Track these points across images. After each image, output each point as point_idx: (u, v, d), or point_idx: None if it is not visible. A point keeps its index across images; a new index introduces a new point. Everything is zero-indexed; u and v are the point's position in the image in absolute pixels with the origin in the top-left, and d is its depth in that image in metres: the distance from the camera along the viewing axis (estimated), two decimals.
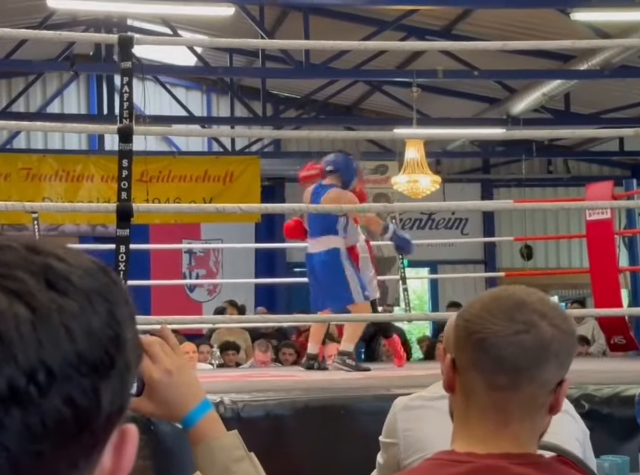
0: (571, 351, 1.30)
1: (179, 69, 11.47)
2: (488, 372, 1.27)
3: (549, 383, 1.28)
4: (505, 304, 1.28)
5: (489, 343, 1.25)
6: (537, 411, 1.30)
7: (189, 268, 12.80)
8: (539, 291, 1.34)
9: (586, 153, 13.32)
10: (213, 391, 3.14)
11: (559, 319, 1.28)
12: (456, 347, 1.32)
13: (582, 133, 7.10)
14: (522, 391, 1.27)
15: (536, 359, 1.26)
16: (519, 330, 1.25)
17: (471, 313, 1.29)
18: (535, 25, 9.26)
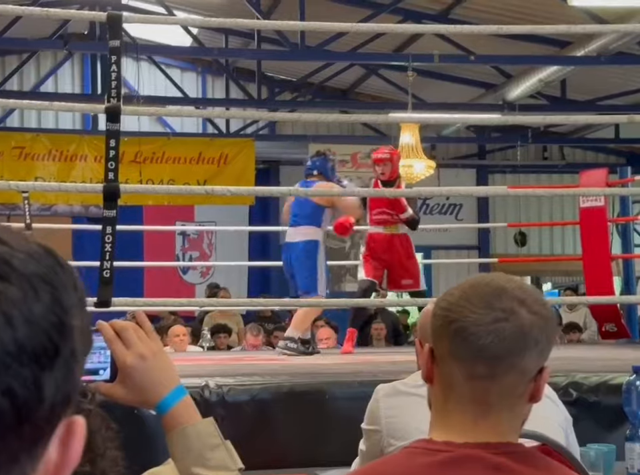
0: (551, 338, 1.28)
1: (173, 49, 11.40)
2: (467, 361, 1.24)
3: (529, 372, 1.25)
4: (483, 292, 1.25)
5: (468, 331, 1.23)
6: (517, 400, 1.27)
7: (182, 250, 12.79)
8: (518, 278, 1.32)
9: (581, 140, 13.30)
10: (199, 375, 3.13)
11: (538, 306, 1.25)
12: (434, 336, 1.29)
13: (575, 119, 7.06)
14: (502, 380, 1.25)
15: (516, 347, 1.23)
16: (498, 318, 1.23)
17: (450, 302, 1.27)
18: (532, 10, 9.20)
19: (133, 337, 1.31)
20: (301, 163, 12.66)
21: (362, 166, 12.53)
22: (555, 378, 3.02)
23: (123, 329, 1.32)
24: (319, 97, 12.75)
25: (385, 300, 5.78)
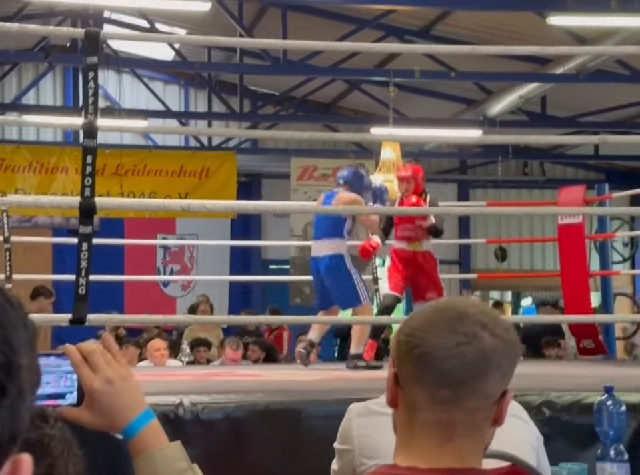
0: (513, 361, 1.28)
1: (156, 63, 11.40)
2: (431, 386, 1.25)
3: (491, 395, 1.26)
4: (446, 316, 1.26)
5: (431, 356, 1.24)
6: (481, 424, 1.28)
7: (163, 263, 12.76)
8: (480, 302, 1.33)
9: (561, 156, 13.40)
10: (174, 392, 3.12)
11: (500, 330, 1.26)
12: (398, 361, 1.29)
13: (547, 140, 7.14)
14: (465, 404, 1.25)
15: (478, 371, 1.24)
16: (461, 342, 1.24)
17: (413, 327, 1.27)
18: (512, 28, 9.28)
19: (100, 361, 1.31)
20: (282, 177, 12.75)
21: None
22: (529, 397, 3.04)
23: (90, 353, 1.31)
24: (301, 111, 12.79)
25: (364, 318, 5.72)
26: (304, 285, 12.17)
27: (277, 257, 12.88)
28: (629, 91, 10.76)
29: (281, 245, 12.06)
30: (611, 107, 11.08)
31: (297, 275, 11.80)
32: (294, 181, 12.33)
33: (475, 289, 13.80)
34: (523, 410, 2.21)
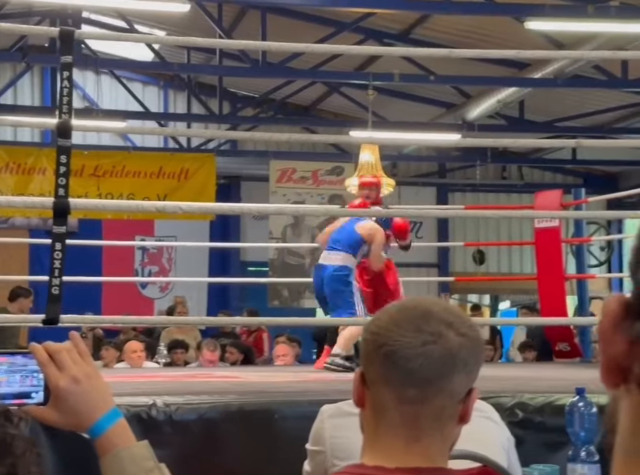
0: (479, 360, 1.29)
1: (134, 64, 11.36)
2: (397, 385, 1.26)
3: (458, 393, 1.27)
4: (411, 315, 1.26)
5: (397, 355, 1.24)
6: (447, 422, 1.28)
7: (141, 264, 12.71)
8: (444, 300, 1.34)
9: (539, 161, 13.49)
10: (148, 393, 3.11)
11: (465, 328, 1.27)
12: (365, 361, 1.29)
13: (524, 143, 7.18)
14: (431, 404, 1.26)
15: (444, 370, 1.25)
16: (427, 341, 1.24)
17: (379, 326, 1.27)
18: (491, 32, 9.33)
19: (67, 359, 1.31)
20: (262, 179, 12.74)
21: (323, 183, 12.57)
22: (502, 398, 3.05)
23: (56, 351, 1.31)
24: (281, 114, 12.79)
25: (340, 319, 5.73)
26: (282, 287, 12.17)
27: (256, 259, 12.88)
28: (606, 97, 10.85)
29: (259, 248, 12.06)
30: (588, 112, 11.16)
31: (276, 278, 11.80)
32: (273, 183, 12.32)
33: (453, 292, 13.85)
34: (495, 412, 2.22)
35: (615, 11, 7.44)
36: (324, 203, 12.19)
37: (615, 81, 9.41)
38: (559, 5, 7.67)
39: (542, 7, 7.45)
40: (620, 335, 0.56)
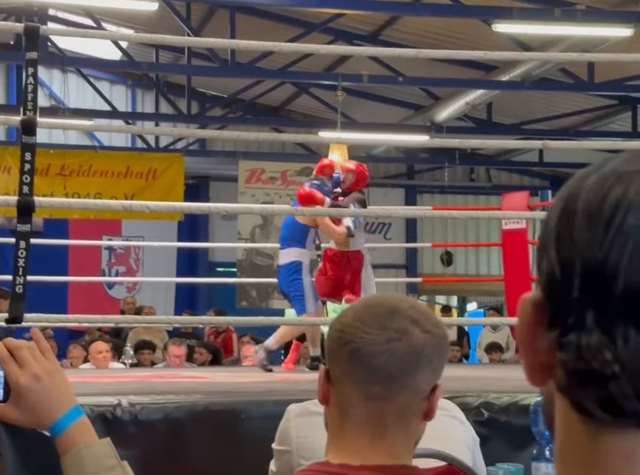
0: (443, 357, 1.30)
1: (102, 62, 11.27)
2: (362, 382, 1.25)
3: (422, 390, 1.27)
4: (377, 312, 1.26)
5: (362, 352, 1.24)
6: (411, 419, 1.28)
7: (108, 265, 12.62)
8: (410, 297, 1.34)
9: (507, 163, 13.58)
10: (113, 393, 3.08)
11: (431, 325, 1.27)
12: (329, 358, 1.29)
13: (491, 144, 7.24)
14: (396, 400, 1.26)
15: (409, 367, 1.25)
16: (392, 338, 1.24)
17: (343, 323, 1.27)
18: (459, 34, 9.38)
19: (27, 356, 1.29)
20: (230, 180, 12.70)
21: (292, 183, 12.55)
22: (468, 398, 3.06)
23: (17, 348, 1.29)
24: (250, 114, 12.77)
25: (304, 319, 5.71)
26: (251, 288, 12.14)
27: (224, 259, 12.84)
28: (573, 100, 10.95)
29: (228, 248, 12.03)
30: (555, 115, 11.26)
31: (244, 278, 11.76)
32: (242, 183, 12.29)
33: (421, 293, 13.90)
34: (460, 411, 2.22)
35: (581, 15, 7.52)
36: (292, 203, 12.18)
37: (581, 85, 9.50)
38: (526, 8, 7.74)
39: (509, 10, 7.50)
40: (537, 336, 0.55)
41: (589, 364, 0.52)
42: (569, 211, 0.55)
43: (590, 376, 0.52)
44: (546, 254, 0.55)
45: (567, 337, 0.53)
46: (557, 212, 0.56)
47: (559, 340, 0.53)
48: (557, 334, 0.53)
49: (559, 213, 0.56)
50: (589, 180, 0.56)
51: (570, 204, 0.55)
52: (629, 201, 0.52)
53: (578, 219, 0.54)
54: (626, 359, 0.51)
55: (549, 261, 0.55)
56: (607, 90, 9.99)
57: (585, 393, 0.53)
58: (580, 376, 0.53)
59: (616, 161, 0.56)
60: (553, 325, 0.54)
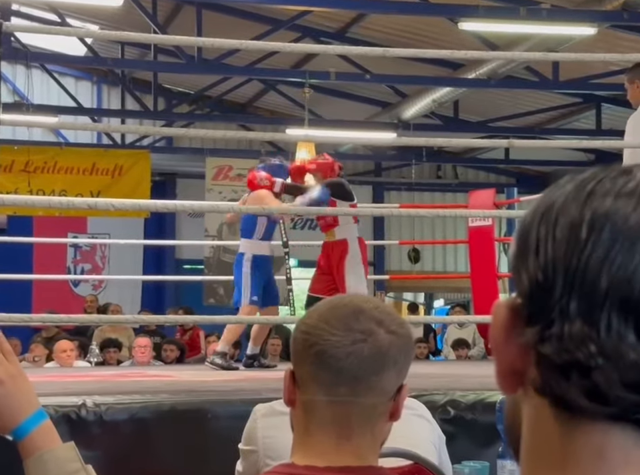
0: (409, 357, 1.30)
1: (67, 58, 11.15)
2: (328, 384, 1.26)
3: (388, 391, 1.27)
4: (342, 313, 1.26)
5: (327, 354, 1.24)
6: (378, 420, 1.29)
7: (73, 262, 12.51)
8: (375, 298, 1.35)
9: (474, 160, 13.66)
10: (78, 393, 3.05)
11: (396, 326, 1.27)
12: (295, 359, 1.29)
13: (458, 143, 7.28)
14: (362, 401, 1.26)
15: (375, 368, 1.25)
16: (357, 339, 1.24)
17: (309, 325, 1.27)
18: (426, 32, 9.42)
19: None
20: (198, 176, 12.64)
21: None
22: (434, 396, 3.08)
23: None
24: (217, 111, 12.71)
25: (277, 317, 5.70)
26: (218, 285, 12.09)
27: (191, 257, 12.77)
28: (538, 98, 11.04)
29: (195, 245, 11.97)
30: (520, 113, 11.35)
31: (211, 276, 11.71)
32: (209, 180, 12.24)
33: (389, 290, 13.94)
34: (426, 410, 2.24)
35: (546, 13, 7.58)
36: None
37: (546, 83, 9.58)
38: (492, 7, 7.78)
39: (475, 8, 7.54)
40: (511, 341, 0.56)
41: (573, 355, 0.53)
42: (548, 219, 0.56)
43: (574, 367, 0.53)
44: (525, 264, 0.56)
45: (550, 329, 0.53)
46: (535, 220, 0.57)
47: (541, 334, 0.54)
48: (539, 329, 0.54)
49: (537, 221, 0.56)
50: (567, 187, 0.57)
51: (549, 212, 0.56)
52: (607, 206, 0.54)
53: (559, 226, 0.55)
54: (609, 349, 0.52)
55: (528, 270, 0.56)
56: (571, 88, 10.08)
57: (568, 385, 0.53)
58: (563, 368, 0.53)
59: (590, 171, 0.57)
60: (532, 323, 0.55)
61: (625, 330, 0.52)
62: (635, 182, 0.54)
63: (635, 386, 0.52)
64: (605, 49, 8.77)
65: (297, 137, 8.52)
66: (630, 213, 0.53)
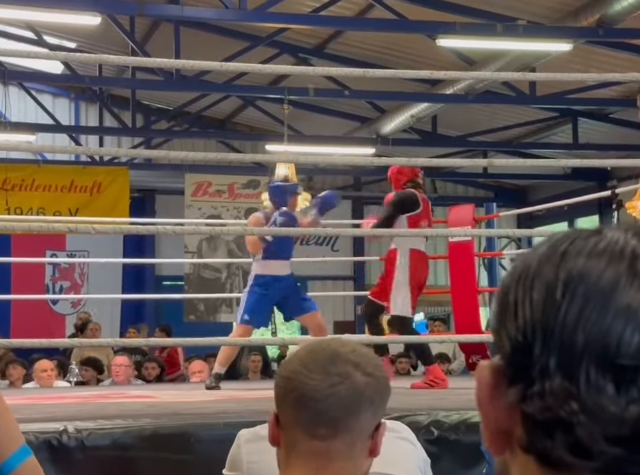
0: (385, 397, 1.36)
1: (44, 76, 11.10)
2: (308, 425, 1.31)
3: (366, 430, 1.33)
4: (319, 358, 1.32)
5: (307, 398, 1.30)
6: (357, 456, 1.34)
7: (52, 280, 12.41)
8: (351, 341, 1.43)
9: (452, 174, 13.71)
10: (58, 418, 3.03)
11: (371, 368, 1.34)
12: (277, 403, 1.35)
13: (438, 162, 7.35)
14: (341, 440, 1.31)
15: (352, 409, 1.31)
16: (334, 382, 1.30)
17: (289, 370, 1.33)
18: (404, 48, 9.47)
19: None
20: (177, 192, 12.60)
21: (239, 196, 12.52)
22: (418, 417, 3.07)
23: None
24: (196, 127, 12.69)
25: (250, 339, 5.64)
26: (198, 301, 12.06)
27: (171, 273, 12.73)
28: (515, 112, 11.12)
29: (175, 261, 11.93)
30: (498, 127, 11.42)
31: (191, 292, 11.68)
32: (188, 197, 12.22)
33: None
34: (411, 432, 2.24)
35: (523, 30, 7.64)
36: (240, 216, 12.14)
37: (523, 98, 9.65)
38: (469, 24, 7.83)
39: (452, 25, 7.59)
40: (497, 402, 0.57)
41: (555, 413, 0.54)
42: (525, 282, 0.57)
43: (557, 424, 0.54)
44: (504, 326, 0.58)
45: (532, 388, 0.55)
46: (513, 283, 0.58)
47: (524, 393, 0.55)
48: (521, 388, 0.55)
49: (514, 283, 0.58)
50: (541, 249, 0.58)
51: (525, 274, 0.58)
52: (580, 266, 0.55)
53: (535, 288, 0.56)
54: (590, 403, 0.53)
55: (508, 332, 0.57)
56: (548, 103, 10.16)
57: (552, 442, 0.54)
58: (546, 425, 0.54)
59: (562, 232, 0.59)
60: (514, 383, 0.56)
61: (604, 383, 0.53)
62: (605, 242, 0.56)
63: (617, 440, 0.53)
64: (581, 64, 8.87)
65: (276, 157, 8.52)
66: (602, 272, 0.54)
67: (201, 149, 12.14)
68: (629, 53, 8.48)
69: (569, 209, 11.37)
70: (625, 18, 7.36)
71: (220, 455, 2.12)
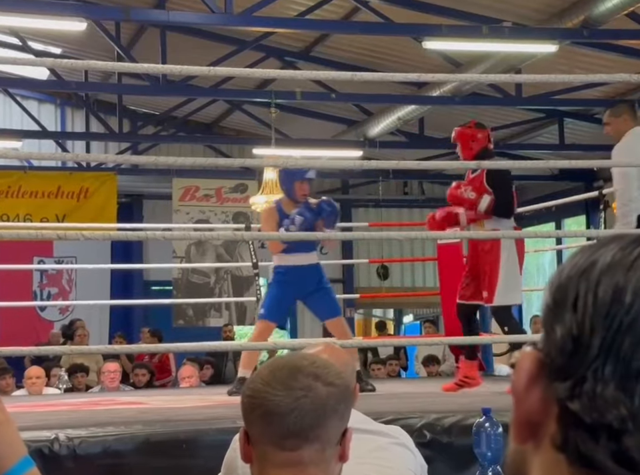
0: (348, 404, 1.42)
1: (30, 82, 11.05)
2: (277, 439, 1.35)
3: (333, 437, 1.38)
4: (281, 375, 1.37)
5: (273, 413, 1.34)
6: (328, 462, 1.39)
7: (39, 286, 12.36)
8: (311, 354, 1.47)
9: (440, 176, 13.72)
10: (50, 426, 3.01)
11: (332, 377, 1.38)
12: (246, 421, 1.38)
13: (427, 165, 7.37)
14: (311, 448, 1.36)
15: (318, 420, 1.36)
16: (298, 396, 1.34)
17: (253, 389, 1.37)
18: (390, 50, 9.48)
19: None
20: (164, 197, 12.58)
21: (227, 201, 12.51)
22: (410, 420, 3.07)
23: None
24: (183, 131, 12.67)
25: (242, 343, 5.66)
26: (187, 306, 12.03)
27: (159, 278, 12.70)
28: (502, 113, 11.15)
29: (161, 270, 11.91)
30: None
31: (180, 297, 11.65)
32: (176, 201, 12.20)
33: (358, 307, 13.96)
34: (409, 438, 2.25)
35: (508, 32, 7.66)
36: (228, 220, 12.12)
37: (510, 99, 9.68)
38: (455, 26, 7.85)
39: (438, 27, 7.60)
40: (533, 392, 0.56)
41: (603, 416, 0.52)
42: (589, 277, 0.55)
43: (603, 428, 0.52)
44: (560, 317, 0.55)
45: (582, 387, 0.53)
46: (575, 276, 0.56)
47: (572, 390, 0.53)
48: (570, 385, 0.54)
49: (577, 276, 0.56)
50: (611, 248, 0.56)
51: (591, 269, 0.55)
52: None
53: (601, 285, 0.54)
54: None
55: (564, 324, 0.55)
56: (534, 104, 10.19)
57: (596, 446, 0.52)
58: (592, 428, 0.53)
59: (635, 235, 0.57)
60: (562, 378, 0.54)
61: None
62: None
63: None
64: (566, 65, 8.90)
65: (264, 162, 8.51)
66: None
67: (188, 154, 12.13)
68: (614, 53, 8.51)
69: (556, 209, 11.41)
70: (609, 19, 7.39)
71: (213, 461, 2.11)
